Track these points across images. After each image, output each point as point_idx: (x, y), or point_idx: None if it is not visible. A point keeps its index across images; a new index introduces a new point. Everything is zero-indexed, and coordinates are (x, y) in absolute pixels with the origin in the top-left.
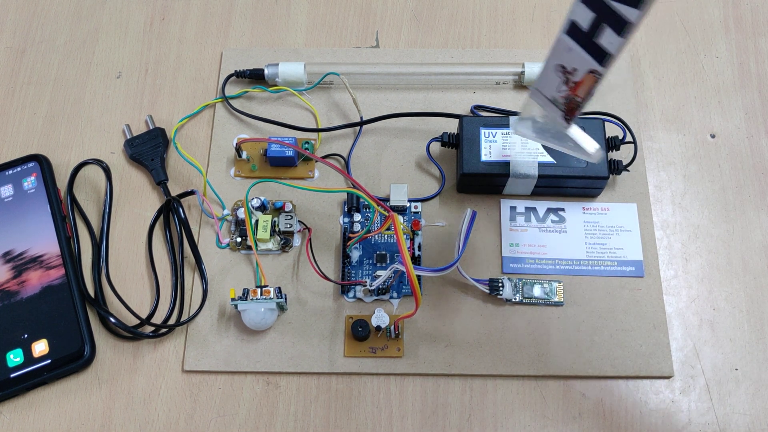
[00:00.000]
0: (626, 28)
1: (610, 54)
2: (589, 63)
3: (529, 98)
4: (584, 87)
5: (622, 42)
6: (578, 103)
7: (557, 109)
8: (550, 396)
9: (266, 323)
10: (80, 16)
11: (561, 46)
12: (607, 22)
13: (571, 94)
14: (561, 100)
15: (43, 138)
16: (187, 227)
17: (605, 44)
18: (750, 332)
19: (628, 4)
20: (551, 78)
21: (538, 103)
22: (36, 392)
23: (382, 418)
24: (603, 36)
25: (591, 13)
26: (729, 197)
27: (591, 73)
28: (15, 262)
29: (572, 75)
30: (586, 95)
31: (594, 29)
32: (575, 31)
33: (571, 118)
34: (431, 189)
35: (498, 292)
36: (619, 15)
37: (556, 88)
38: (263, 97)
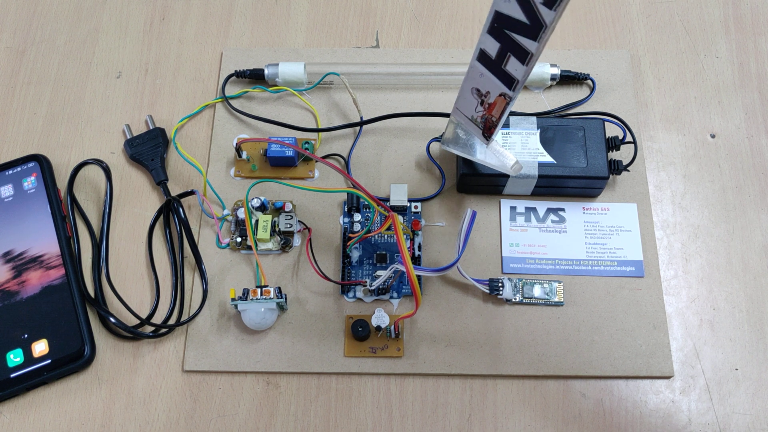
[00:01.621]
0: (528, 58)
1: (517, 80)
2: (499, 87)
3: (451, 116)
4: (498, 108)
5: (526, 70)
6: (494, 122)
7: (477, 127)
8: (550, 396)
9: (266, 323)
10: (80, 16)
11: (474, 72)
12: (512, 52)
13: (486, 114)
14: (479, 120)
15: (43, 138)
16: (187, 227)
17: (512, 71)
18: (750, 332)
19: (528, 37)
20: (468, 99)
21: (460, 122)
22: (36, 392)
23: (382, 418)
24: (509, 64)
25: (497, 43)
26: (729, 197)
27: (501, 96)
28: (15, 262)
29: (486, 97)
30: (500, 115)
31: (501, 58)
32: (485, 59)
33: (489, 135)
34: (431, 189)
35: (498, 292)
36: (521, 46)
37: (474, 109)
38: (263, 97)
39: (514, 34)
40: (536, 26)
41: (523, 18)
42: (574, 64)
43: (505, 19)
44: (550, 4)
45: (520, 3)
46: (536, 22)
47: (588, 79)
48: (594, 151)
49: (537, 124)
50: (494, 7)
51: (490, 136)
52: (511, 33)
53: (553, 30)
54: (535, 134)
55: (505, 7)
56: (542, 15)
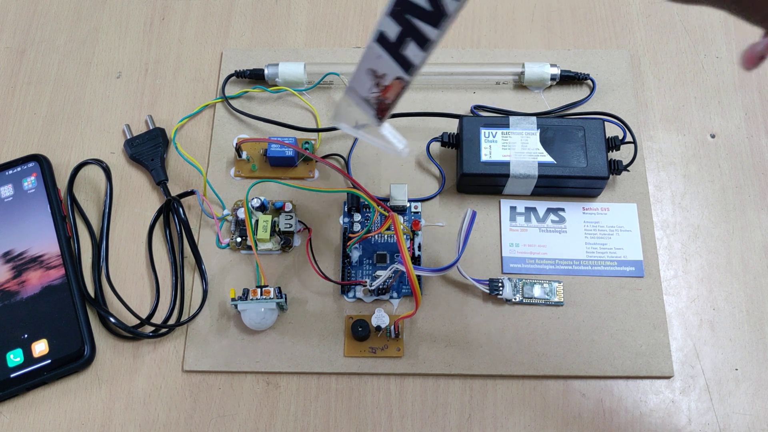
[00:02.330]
0: (427, 44)
1: (414, 65)
2: (396, 71)
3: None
4: (392, 91)
5: (424, 55)
6: (388, 105)
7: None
8: (550, 396)
9: (266, 323)
10: (80, 16)
11: (371, 53)
12: (411, 37)
13: (381, 96)
14: (373, 101)
15: (43, 138)
16: (187, 227)
17: (410, 56)
18: (750, 332)
19: (429, 24)
20: (364, 80)
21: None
22: (36, 392)
23: (382, 418)
24: (408, 48)
25: (397, 26)
26: (729, 197)
27: (398, 80)
28: (15, 262)
29: (382, 79)
30: (394, 99)
31: (400, 41)
32: (384, 41)
33: (382, 117)
34: (431, 189)
35: (498, 292)
36: (422, 32)
37: (368, 90)
38: (263, 97)
39: (415, 20)
40: (438, 14)
41: (426, 5)
42: (574, 64)
43: (407, 4)
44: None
45: None
46: (439, 10)
47: (588, 79)
48: (594, 151)
49: (537, 124)
50: None
51: (383, 117)
52: (412, 18)
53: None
54: (535, 134)
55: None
56: (445, 4)
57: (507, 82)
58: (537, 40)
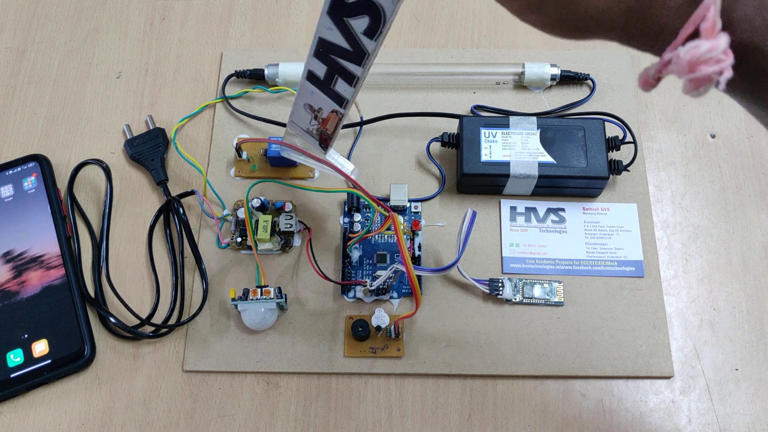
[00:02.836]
0: (355, 80)
1: (346, 99)
2: (330, 104)
3: (288, 127)
4: (331, 123)
5: (354, 90)
6: (329, 135)
7: (313, 139)
8: (550, 396)
9: (266, 323)
10: (80, 16)
11: (305, 89)
12: (339, 74)
13: (321, 127)
14: (314, 132)
15: (43, 138)
16: (187, 227)
17: (340, 91)
18: (750, 332)
19: (352, 63)
20: (302, 114)
21: (297, 133)
22: (36, 392)
23: (382, 418)
24: (338, 84)
25: (324, 66)
26: (729, 197)
27: (334, 113)
28: (15, 262)
29: (319, 113)
30: (334, 129)
31: (329, 79)
32: (314, 79)
33: (326, 147)
34: (431, 189)
35: (498, 292)
36: (347, 70)
37: (309, 123)
38: (263, 97)
39: (339, 59)
40: (359, 54)
41: (347, 46)
42: (574, 64)
43: (329, 45)
44: (370, 35)
45: (343, 32)
46: (359, 50)
47: (588, 79)
48: (594, 151)
49: (537, 124)
50: (318, 33)
51: (327, 147)
52: (336, 58)
53: (376, 56)
54: (535, 134)
55: (329, 35)
56: (364, 44)
57: (507, 82)
58: (537, 40)
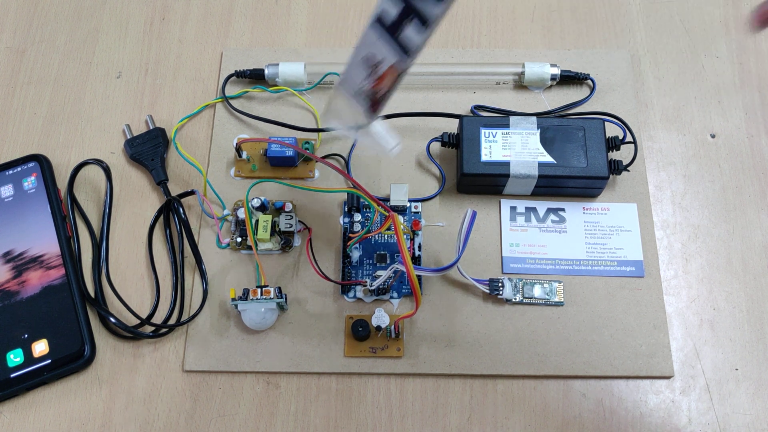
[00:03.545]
0: (429, 22)
1: (413, 48)
2: (393, 55)
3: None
4: (387, 80)
5: (424, 36)
6: (381, 97)
7: (363, 102)
8: (550, 396)
9: (266, 323)
10: (80, 16)
11: (368, 39)
12: (413, 15)
13: (375, 87)
14: (366, 94)
15: (43, 138)
16: (187, 227)
17: (408, 40)
18: (750, 332)
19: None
20: (357, 70)
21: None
22: (36, 392)
23: (382, 418)
24: (407, 30)
25: (397, 6)
26: (729, 197)
27: (394, 66)
28: (15, 262)
29: (377, 67)
30: (388, 90)
31: (399, 23)
32: (382, 23)
33: (375, 111)
34: (431, 189)
35: (498, 292)
36: (423, 9)
37: (362, 81)
38: (263, 97)
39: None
40: None
41: None
42: (574, 64)
43: None
44: None
45: None
46: None
47: (588, 79)
48: (594, 151)
49: (537, 124)
50: None
51: (376, 112)
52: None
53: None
54: (535, 134)
55: None
56: None
57: (507, 82)
58: (537, 40)
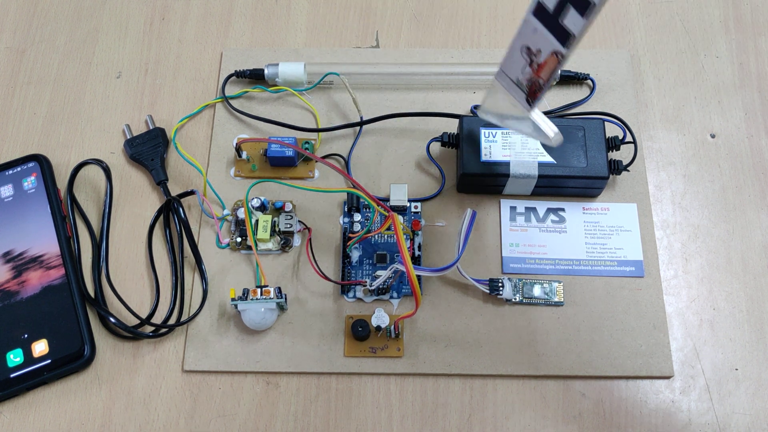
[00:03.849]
0: (590, 9)
1: (573, 35)
2: (553, 44)
3: (494, 80)
4: (547, 69)
5: (585, 23)
6: (541, 86)
7: (521, 91)
8: (550, 396)
9: (266, 323)
10: (80, 16)
11: (527, 27)
12: (572, 3)
13: (534, 76)
14: (525, 82)
15: (43, 138)
16: (187, 227)
17: (569, 25)
18: (750, 332)
19: None
20: (516, 59)
21: (503, 86)
22: (36, 392)
23: (382, 418)
24: (567, 17)
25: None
26: (729, 197)
27: (554, 55)
28: (15, 262)
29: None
30: (548, 77)
31: (559, 10)
32: (541, 12)
33: (533, 100)
34: (431, 189)
35: (498, 292)
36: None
37: (521, 70)
38: (263, 97)
39: None
40: None
41: None
42: (574, 64)
43: None
44: None
45: None
46: None
47: (588, 79)
48: (594, 151)
49: None
50: None
51: (535, 101)
52: None
53: None
54: None
55: None
56: None
57: None
58: None
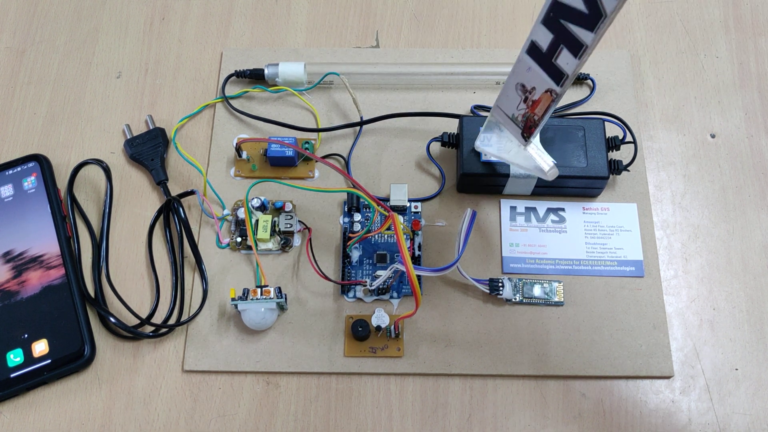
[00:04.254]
0: (582, 50)
1: (567, 74)
2: (546, 83)
3: (490, 115)
4: (542, 106)
5: (577, 63)
6: (536, 122)
7: (516, 127)
8: (550, 396)
9: (266, 323)
10: (80, 16)
11: (522, 66)
12: (565, 44)
13: (529, 112)
14: (520, 118)
15: (43, 138)
16: (187, 227)
17: (562, 65)
18: (750, 332)
19: (584, 28)
20: (512, 96)
21: (499, 121)
22: (36, 392)
23: (382, 418)
24: (561, 57)
25: (550, 34)
26: (729, 197)
27: (548, 93)
28: (15, 262)
29: (531, 94)
30: (543, 114)
31: (552, 50)
32: (535, 52)
33: (529, 135)
34: (431, 189)
35: (498, 292)
36: (576, 38)
37: (516, 107)
38: (263, 97)
39: (569, 24)
40: (595, 15)
41: (582, 7)
42: None
43: (562, 8)
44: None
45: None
46: (595, 11)
47: (588, 79)
48: (594, 151)
49: None
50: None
51: (530, 136)
52: (566, 23)
53: (612, 22)
54: None
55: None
56: (603, 3)
57: None
58: None
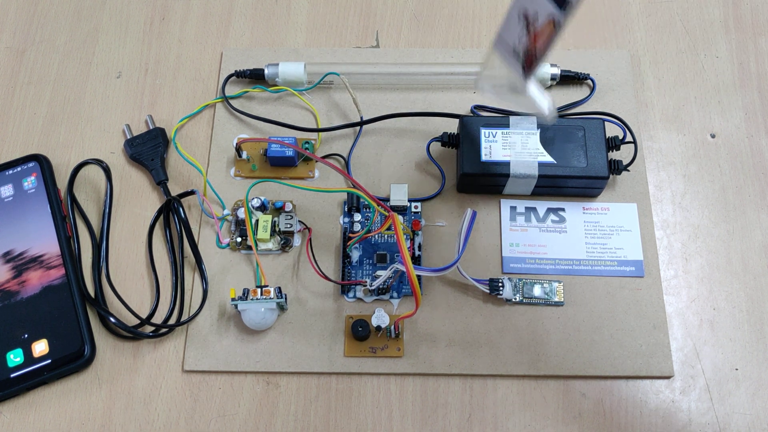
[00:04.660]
0: None
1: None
2: (549, 9)
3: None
4: (543, 37)
5: None
6: (536, 56)
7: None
8: (550, 396)
9: (266, 323)
10: (80, 16)
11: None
12: None
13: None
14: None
15: (43, 138)
16: (187, 227)
17: None
18: (750, 332)
19: None
20: (513, 25)
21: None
22: (36, 392)
23: (382, 418)
24: None
25: None
26: (729, 197)
27: (550, 22)
28: (15, 262)
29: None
30: (544, 47)
31: None
32: None
33: (529, 71)
34: (431, 189)
35: (498, 292)
36: None
37: (518, 37)
38: (263, 97)
39: None
40: None
41: None
42: (574, 64)
43: None
44: None
45: None
46: None
47: (588, 79)
48: (594, 151)
49: (537, 124)
50: None
51: (530, 71)
52: None
53: None
54: (535, 134)
55: None
56: None
57: None
58: None
